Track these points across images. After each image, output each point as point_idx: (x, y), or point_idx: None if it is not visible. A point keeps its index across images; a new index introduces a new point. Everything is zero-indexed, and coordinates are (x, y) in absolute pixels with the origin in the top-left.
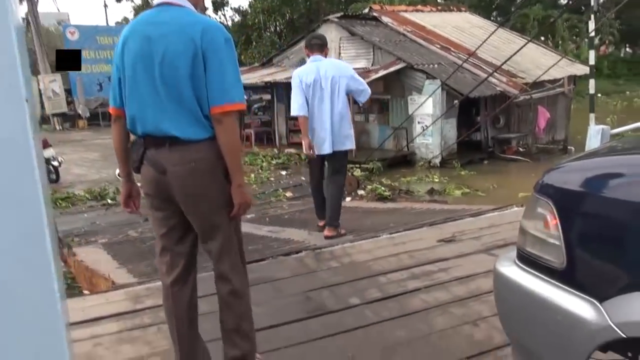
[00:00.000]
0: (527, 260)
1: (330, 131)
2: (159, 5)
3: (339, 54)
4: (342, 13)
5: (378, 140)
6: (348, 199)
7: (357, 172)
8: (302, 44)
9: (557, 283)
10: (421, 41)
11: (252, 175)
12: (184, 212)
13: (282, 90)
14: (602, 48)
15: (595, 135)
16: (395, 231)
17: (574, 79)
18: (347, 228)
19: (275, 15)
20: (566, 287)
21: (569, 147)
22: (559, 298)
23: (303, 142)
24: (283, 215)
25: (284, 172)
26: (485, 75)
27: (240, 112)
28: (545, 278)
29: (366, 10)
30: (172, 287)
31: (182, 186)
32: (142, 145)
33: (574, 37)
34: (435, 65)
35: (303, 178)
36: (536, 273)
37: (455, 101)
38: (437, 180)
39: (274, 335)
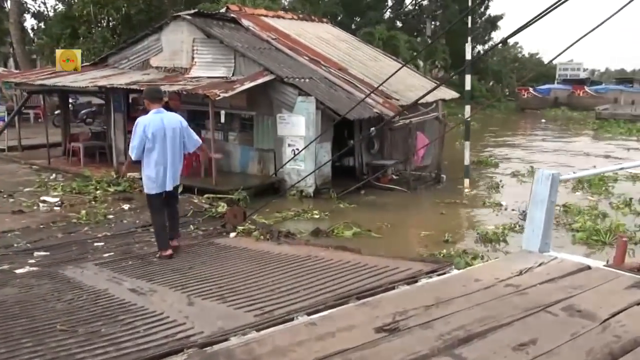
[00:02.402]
0: None
1: (172, 171)
2: None
3: (192, 58)
4: (195, 10)
5: (240, 163)
6: (232, 234)
7: (221, 206)
8: (145, 43)
9: None
10: (288, 51)
11: (84, 211)
12: None
13: (121, 97)
14: (435, 71)
15: (544, 181)
16: (314, 309)
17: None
18: (242, 290)
19: (108, 9)
20: None
21: (441, 176)
22: None
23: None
24: (150, 257)
25: (126, 206)
26: (359, 94)
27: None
28: None
29: (223, 10)
30: None
31: None
32: None
33: (415, 60)
34: (307, 80)
35: None
36: None
37: (372, 129)
38: (317, 215)
39: None
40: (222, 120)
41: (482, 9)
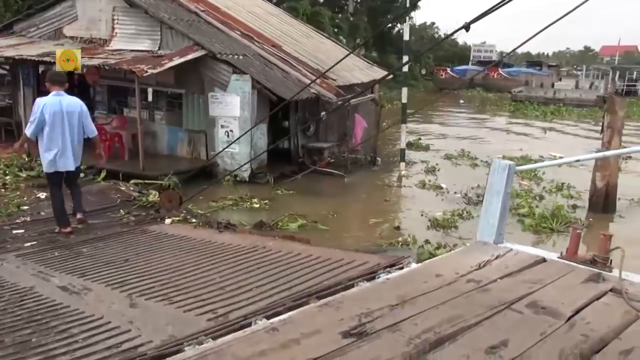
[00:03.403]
0: None
1: (72, 152)
2: None
3: (113, 29)
4: None
5: (168, 145)
6: (167, 221)
7: (152, 195)
8: (58, 9)
9: None
10: (219, 25)
11: None
12: None
13: (30, 70)
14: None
15: (500, 172)
16: (273, 312)
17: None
18: (188, 288)
19: None
20: None
21: (377, 158)
22: None
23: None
24: (80, 246)
25: (42, 195)
26: (295, 73)
27: None
28: None
29: None
30: None
31: None
32: None
33: (338, 37)
34: (241, 57)
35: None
36: None
37: (323, 113)
38: (257, 204)
39: None
40: (150, 98)
41: None
